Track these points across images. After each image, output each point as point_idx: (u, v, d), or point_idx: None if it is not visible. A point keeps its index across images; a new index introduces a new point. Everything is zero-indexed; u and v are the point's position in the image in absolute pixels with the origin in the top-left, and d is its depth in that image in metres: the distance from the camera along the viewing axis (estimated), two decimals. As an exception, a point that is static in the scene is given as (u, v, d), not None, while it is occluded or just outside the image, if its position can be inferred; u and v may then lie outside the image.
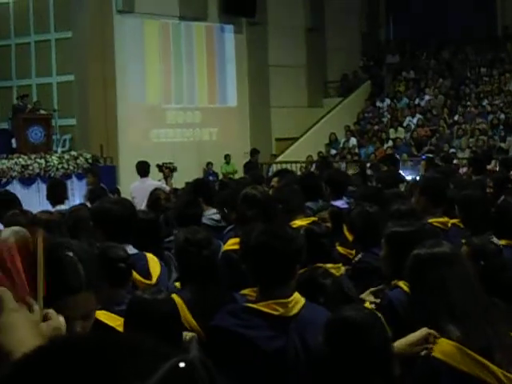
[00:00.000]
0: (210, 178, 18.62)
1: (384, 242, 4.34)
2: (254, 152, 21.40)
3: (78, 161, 16.43)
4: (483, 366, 2.99)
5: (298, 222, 6.33)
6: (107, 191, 9.98)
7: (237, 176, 18.49)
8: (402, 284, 4.06)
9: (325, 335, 3.17)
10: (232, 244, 5.31)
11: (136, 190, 11.28)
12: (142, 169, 11.98)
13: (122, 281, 4.24)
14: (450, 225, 6.31)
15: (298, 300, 3.84)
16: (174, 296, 4.08)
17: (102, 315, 3.45)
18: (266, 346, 3.71)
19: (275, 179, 9.34)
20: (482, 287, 3.26)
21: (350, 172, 11.53)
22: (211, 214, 6.72)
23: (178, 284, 4.59)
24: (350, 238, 6.11)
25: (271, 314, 3.75)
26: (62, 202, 8.73)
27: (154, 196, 8.23)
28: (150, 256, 5.11)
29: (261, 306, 3.76)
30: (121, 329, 3.40)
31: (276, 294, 3.77)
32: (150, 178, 11.93)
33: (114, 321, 3.59)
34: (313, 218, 6.51)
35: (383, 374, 2.99)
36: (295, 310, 3.81)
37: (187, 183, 11.82)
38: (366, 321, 3.08)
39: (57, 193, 8.96)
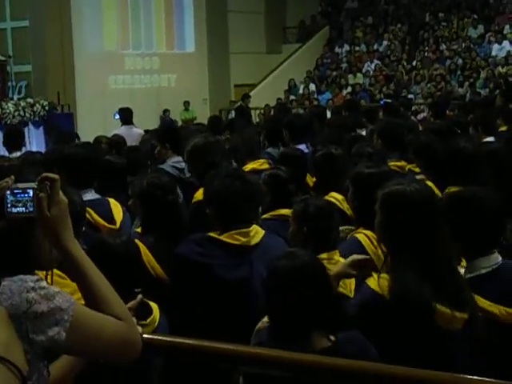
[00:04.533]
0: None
1: (349, 182, 4.36)
2: (245, 96, 21.18)
3: (35, 108, 16.18)
4: None
5: (250, 166, 6.39)
6: (75, 136, 9.86)
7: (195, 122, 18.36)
8: (360, 236, 4.08)
9: (267, 284, 3.13)
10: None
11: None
12: (126, 116, 11.70)
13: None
14: (407, 169, 6.37)
15: (258, 230, 3.91)
16: (137, 241, 4.07)
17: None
18: (228, 275, 3.77)
19: (227, 132, 9.32)
20: None
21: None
22: (176, 162, 6.55)
23: (138, 230, 4.54)
24: (311, 183, 6.15)
25: (233, 244, 3.80)
26: (19, 149, 8.65)
27: (97, 141, 8.22)
28: (112, 201, 5.09)
29: (222, 237, 3.83)
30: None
31: (237, 227, 3.83)
32: (134, 126, 11.62)
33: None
34: (263, 161, 6.55)
35: (326, 313, 2.98)
36: (257, 240, 3.87)
37: (146, 131, 11.69)
38: (303, 266, 3.02)
39: (14, 139, 8.87)
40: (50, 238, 2.16)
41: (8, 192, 2.09)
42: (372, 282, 3.14)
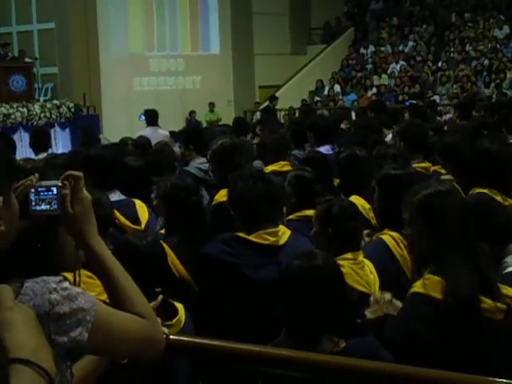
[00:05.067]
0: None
1: (376, 184, 4.34)
2: (273, 98, 21.21)
3: (61, 110, 16.29)
4: None
5: (270, 167, 6.39)
6: (100, 139, 9.91)
7: (220, 124, 18.37)
8: (386, 238, 4.06)
9: (282, 283, 3.13)
10: (223, 196, 5.27)
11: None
12: (152, 117, 11.71)
13: (102, 228, 4.16)
14: (431, 170, 6.34)
15: (285, 230, 3.90)
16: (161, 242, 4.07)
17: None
18: (256, 275, 3.76)
19: (258, 127, 9.34)
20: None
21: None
22: (200, 163, 6.55)
23: (162, 231, 4.56)
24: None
25: (261, 244, 3.79)
26: (45, 150, 8.71)
27: (123, 142, 8.23)
28: (138, 202, 5.10)
29: (251, 237, 3.82)
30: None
31: (263, 227, 3.82)
32: (160, 127, 11.62)
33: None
34: (284, 163, 6.55)
35: (339, 317, 2.96)
36: (284, 240, 3.86)
37: (171, 132, 11.73)
38: (318, 267, 3.01)
39: (40, 141, 8.93)
40: (73, 236, 2.15)
41: (32, 190, 2.09)
42: (417, 286, 3.04)
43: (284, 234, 3.92)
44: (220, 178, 5.46)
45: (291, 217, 4.69)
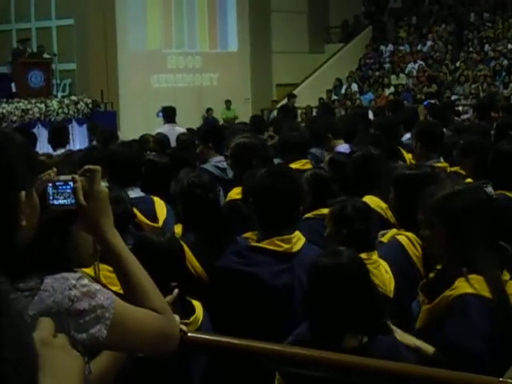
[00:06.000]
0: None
1: (392, 185, 4.32)
2: (291, 96, 21.21)
3: (79, 106, 16.35)
4: None
5: (292, 166, 6.36)
6: (118, 135, 9.90)
7: (237, 121, 18.35)
8: (401, 238, 4.03)
9: (309, 279, 3.14)
10: (237, 193, 5.24)
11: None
12: (170, 114, 11.70)
13: (122, 225, 4.17)
14: (448, 170, 6.29)
15: (300, 237, 3.85)
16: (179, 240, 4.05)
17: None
18: (272, 282, 3.72)
19: (271, 128, 9.27)
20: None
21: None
22: (218, 162, 6.52)
23: (178, 229, 4.52)
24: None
25: (275, 251, 3.75)
26: (63, 146, 8.73)
27: (144, 139, 8.20)
28: (156, 200, 5.09)
29: (264, 244, 3.77)
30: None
31: (279, 232, 3.78)
32: (177, 124, 11.58)
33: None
34: (305, 161, 6.52)
35: (364, 314, 2.96)
36: (298, 247, 3.82)
37: (188, 129, 11.73)
38: (346, 264, 3.02)
39: (59, 136, 8.95)
40: (89, 229, 2.14)
41: (50, 184, 2.09)
42: (464, 287, 2.98)
43: (299, 240, 3.85)
44: (238, 176, 5.45)
45: (308, 215, 4.67)
